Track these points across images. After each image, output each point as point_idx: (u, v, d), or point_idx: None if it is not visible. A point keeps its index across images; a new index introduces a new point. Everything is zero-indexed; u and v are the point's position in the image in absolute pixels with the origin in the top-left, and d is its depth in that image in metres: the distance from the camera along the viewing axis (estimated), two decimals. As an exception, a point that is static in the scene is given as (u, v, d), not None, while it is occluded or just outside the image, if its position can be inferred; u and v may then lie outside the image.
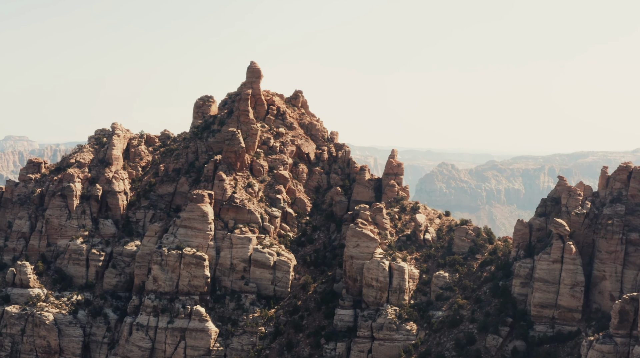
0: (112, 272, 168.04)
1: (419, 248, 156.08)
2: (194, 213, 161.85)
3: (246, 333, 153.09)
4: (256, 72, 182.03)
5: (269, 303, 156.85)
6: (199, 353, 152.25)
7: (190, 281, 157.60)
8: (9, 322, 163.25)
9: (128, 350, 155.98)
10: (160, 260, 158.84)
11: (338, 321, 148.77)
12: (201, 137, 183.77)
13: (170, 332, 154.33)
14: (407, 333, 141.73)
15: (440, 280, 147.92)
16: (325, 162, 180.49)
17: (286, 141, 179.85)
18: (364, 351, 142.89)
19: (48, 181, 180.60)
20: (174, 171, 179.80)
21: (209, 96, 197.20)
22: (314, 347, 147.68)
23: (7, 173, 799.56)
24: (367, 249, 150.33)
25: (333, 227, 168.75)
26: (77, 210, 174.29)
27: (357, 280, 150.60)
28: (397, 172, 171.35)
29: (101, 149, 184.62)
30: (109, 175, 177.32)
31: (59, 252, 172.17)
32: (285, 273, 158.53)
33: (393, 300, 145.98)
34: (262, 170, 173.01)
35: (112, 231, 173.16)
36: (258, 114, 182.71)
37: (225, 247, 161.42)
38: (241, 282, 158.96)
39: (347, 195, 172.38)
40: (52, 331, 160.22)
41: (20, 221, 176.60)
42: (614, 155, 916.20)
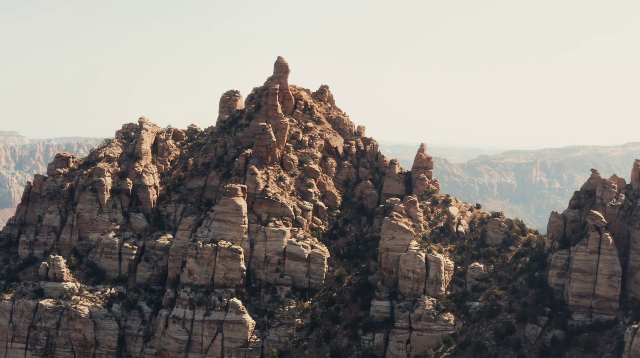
0: (145, 266, 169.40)
1: (452, 240, 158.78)
2: (228, 207, 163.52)
3: (283, 325, 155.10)
4: (284, 67, 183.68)
5: (304, 296, 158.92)
6: (237, 345, 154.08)
7: (226, 274, 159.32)
8: (44, 315, 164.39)
9: (165, 343, 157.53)
10: (195, 253, 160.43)
11: (375, 312, 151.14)
12: (229, 132, 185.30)
13: (207, 324, 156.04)
14: (445, 323, 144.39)
15: (475, 271, 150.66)
16: (353, 156, 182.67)
17: (315, 135, 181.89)
18: (402, 341, 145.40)
19: (77, 175, 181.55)
20: (203, 165, 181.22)
21: (235, 91, 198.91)
22: (352, 338, 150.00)
23: (0, 168, 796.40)
24: (403, 241, 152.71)
25: (364, 220, 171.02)
26: (108, 204, 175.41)
27: (393, 272, 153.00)
28: (427, 165, 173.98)
29: (130, 143, 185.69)
30: (139, 169, 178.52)
31: (91, 246, 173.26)
32: (320, 266, 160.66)
33: (430, 291, 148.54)
34: (293, 164, 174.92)
35: (143, 225, 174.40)
36: (286, 108, 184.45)
37: (259, 240, 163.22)
38: (276, 275, 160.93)
39: (376, 189, 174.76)
40: (88, 324, 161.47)
41: (50, 215, 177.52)
42: (604, 149, 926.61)
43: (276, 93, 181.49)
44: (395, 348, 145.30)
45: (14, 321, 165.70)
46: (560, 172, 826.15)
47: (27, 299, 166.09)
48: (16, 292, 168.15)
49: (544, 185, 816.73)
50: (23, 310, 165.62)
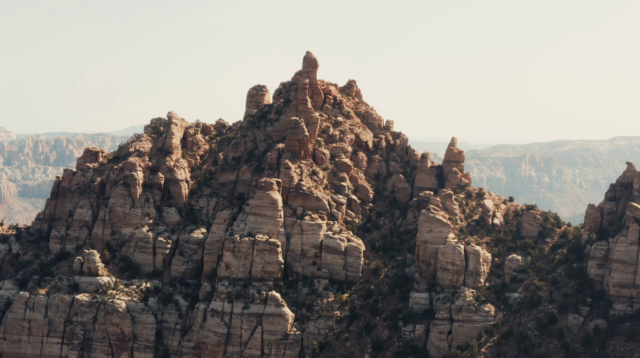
0: (180, 260, 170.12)
1: (488, 232, 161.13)
2: (264, 201, 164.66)
3: (322, 318, 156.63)
4: (312, 62, 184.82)
5: (341, 288, 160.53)
6: (277, 337, 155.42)
7: (264, 267, 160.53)
8: (80, 310, 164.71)
9: (203, 336, 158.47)
10: (232, 247, 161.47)
11: (414, 304, 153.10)
12: (258, 126, 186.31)
13: (247, 317, 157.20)
14: (485, 314, 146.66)
15: (513, 263, 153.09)
16: (383, 150, 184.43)
17: (345, 129, 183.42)
18: (443, 332, 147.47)
19: (107, 170, 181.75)
20: (234, 159, 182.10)
21: (262, 85, 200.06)
22: (392, 330, 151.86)
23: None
24: (441, 234, 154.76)
25: (397, 213, 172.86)
26: (140, 199, 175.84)
27: (431, 264, 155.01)
28: (458, 159, 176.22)
29: (159, 137, 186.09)
30: (170, 163, 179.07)
31: (124, 240, 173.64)
32: (357, 259, 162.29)
33: (469, 282, 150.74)
34: (325, 158, 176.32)
35: (176, 219, 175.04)
36: (315, 103, 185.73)
37: (295, 233, 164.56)
38: (313, 268, 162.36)
39: (408, 182, 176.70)
40: (126, 318, 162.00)
41: (81, 210, 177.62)
42: (591, 143, 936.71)
43: (306, 88, 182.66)
44: (436, 340, 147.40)
45: (49, 316, 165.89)
46: (549, 166, 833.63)
47: (63, 294, 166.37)
48: (50, 286, 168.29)
49: (533, 179, 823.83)
50: (58, 305, 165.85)
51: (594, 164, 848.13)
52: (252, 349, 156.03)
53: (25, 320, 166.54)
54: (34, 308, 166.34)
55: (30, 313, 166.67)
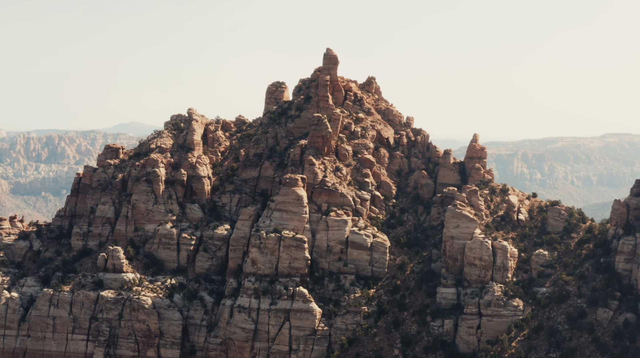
0: (204, 256, 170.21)
1: (513, 228, 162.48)
2: (289, 197, 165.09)
3: (349, 313, 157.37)
4: (333, 59, 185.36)
5: (367, 284, 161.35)
6: (305, 333, 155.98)
7: (291, 263, 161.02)
8: (105, 306, 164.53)
9: (231, 332, 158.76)
10: (258, 243, 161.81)
11: (441, 299, 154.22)
12: (279, 123, 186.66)
13: (274, 313, 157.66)
14: (514, 309, 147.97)
15: (540, 258, 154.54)
16: (404, 146, 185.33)
17: (366, 126, 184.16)
18: (472, 327, 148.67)
19: (129, 166, 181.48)
20: (255, 156, 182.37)
21: (281, 82, 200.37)
22: (420, 325, 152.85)
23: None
24: (467, 230, 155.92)
25: (421, 209, 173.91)
26: (163, 195, 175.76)
27: (458, 260, 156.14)
28: (481, 155, 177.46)
29: (180, 134, 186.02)
30: (192, 160, 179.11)
31: (148, 237, 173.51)
32: (382, 254, 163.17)
33: (497, 277, 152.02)
34: (347, 155, 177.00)
35: (199, 215, 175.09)
36: (336, 99, 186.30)
37: (320, 229, 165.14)
38: (339, 264, 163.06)
39: (430, 179, 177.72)
40: (152, 315, 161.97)
41: (103, 206, 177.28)
42: (582, 140, 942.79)
43: (327, 84, 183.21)
44: (465, 334, 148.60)
45: (74, 313, 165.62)
46: (541, 163, 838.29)
47: (87, 290, 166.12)
48: (74, 283, 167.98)
49: (525, 176, 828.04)
50: (83, 302, 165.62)
51: (585, 160, 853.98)
52: (280, 345, 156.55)
53: (50, 317, 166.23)
54: (59, 305, 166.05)
55: (54, 310, 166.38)
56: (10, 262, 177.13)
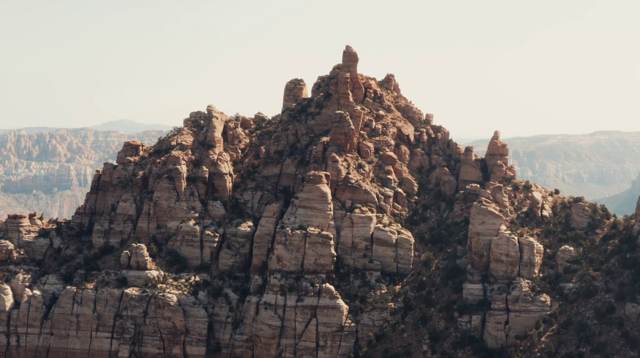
0: (228, 253, 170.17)
1: (538, 224, 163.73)
2: (313, 194, 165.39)
3: (376, 310, 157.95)
4: (353, 56, 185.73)
5: (393, 280, 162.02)
6: (332, 329, 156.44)
7: (317, 260, 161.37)
8: (130, 304, 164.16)
9: (257, 329, 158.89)
10: (284, 240, 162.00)
11: (468, 295, 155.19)
12: (299, 120, 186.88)
13: (301, 309, 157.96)
14: (542, 304, 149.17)
15: (566, 253, 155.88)
16: (425, 143, 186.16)
17: (387, 123, 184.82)
18: (500, 322, 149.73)
19: (149, 163, 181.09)
20: (276, 153, 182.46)
21: (299, 79, 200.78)
22: (448, 321, 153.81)
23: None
24: (493, 226, 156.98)
25: (443, 205, 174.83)
26: (185, 192, 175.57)
27: (484, 256, 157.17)
28: (502, 152, 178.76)
29: (200, 131, 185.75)
30: (214, 157, 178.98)
31: (170, 234, 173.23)
32: (407, 251, 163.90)
33: (524, 273, 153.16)
34: (369, 152, 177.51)
35: (221, 212, 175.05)
36: (356, 96, 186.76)
37: (345, 226, 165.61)
38: (364, 260, 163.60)
39: (452, 175, 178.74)
40: (178, 312, 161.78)
41: (125, 204, 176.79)
42: (572, 138, 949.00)
43: (347, 81, 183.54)
44: (493, 330, 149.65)
45: (98, 310, 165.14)
46: (532, 160, 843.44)
47: (111, 288, 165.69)
48: (98, 280, 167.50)
49: (517, 173, 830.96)
50: (107, 299, 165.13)
51: (576, 158, 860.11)
52: (307, 341, 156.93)
53: (73, 315, 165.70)
54: (82, 302, 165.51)
55: (78, 308, 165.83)
56: (31, 260, 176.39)
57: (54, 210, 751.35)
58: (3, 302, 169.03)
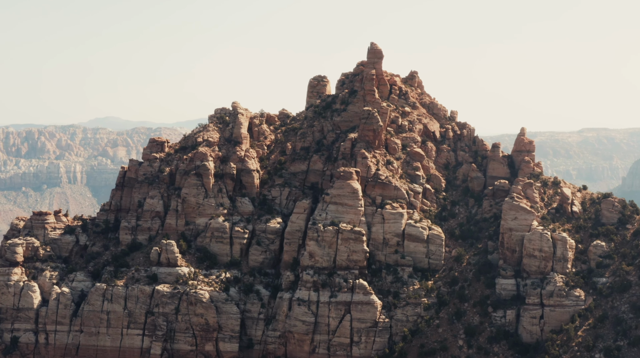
0: (258, 249, 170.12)
1: (568, 220, 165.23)
2: (344, 190, 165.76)
3: (410, 305, 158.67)
4: (378, 53, 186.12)
5: (425, 276, 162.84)
6: (366, 325, 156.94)
7: (349, 256, 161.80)
8: (161, 301, 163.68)
9: (291, 325, 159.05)
10: (316, 236, 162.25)
11: (501, 290, 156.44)
12: (324, 116, 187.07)
13: (334, 305, 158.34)
14: (576, 299, 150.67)
15: (598, 248, 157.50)
16: (450, 139, 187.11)
17: (413, 120, 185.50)
18: (535, 317, 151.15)
19: (176, 160, 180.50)
20: (302, 149, 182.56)
21: (323, 76, 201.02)
22: (482, 316, 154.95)
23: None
24: (525, 222, 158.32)
25: (471, 201, 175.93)
26: (213, 189, 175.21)
27: (516, 251, 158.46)
28: (529, 148, 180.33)
29: (226, 127, 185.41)
30: (241, 153, 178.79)
31: (199, 231, 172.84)
32: (439, 247, 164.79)
33: (557, 268, 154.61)
34: (397, 148, 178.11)
35: (250, 209, 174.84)
36: (381, 93, 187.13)
37: (376, 222, 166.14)
38: (395, 256, 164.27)
39: (480, 171, 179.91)
40: (210, 309, 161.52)
41: (152, 200, 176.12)
42: (560, 135, 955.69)
43: (373, 78, 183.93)
44: (528, 324, 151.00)
45: (129, 307, 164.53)
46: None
47: (142, 285, 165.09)
48: (128, 277, 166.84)
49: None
50: (138, 296, 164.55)
51: (565, 155, 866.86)
52: (341, 337, 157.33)
53: (104, 312, 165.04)
54: (112, 299, 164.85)
55: (108, 305, 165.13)
56: (57, 257, 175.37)
57: (43, 208, 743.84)
58: (31, 299, 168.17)
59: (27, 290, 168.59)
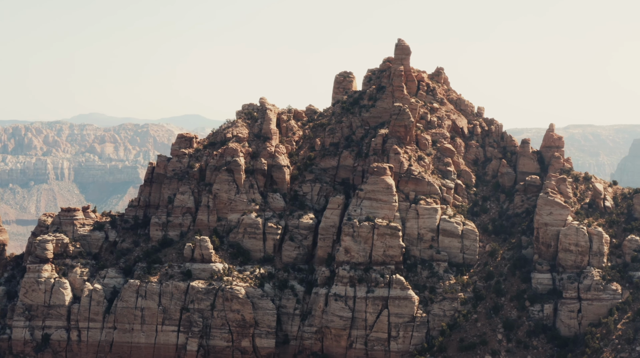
0: (291, 245, 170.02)
1: (601, 215, 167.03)
2: (378, 186, 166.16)
3: (446, 300, 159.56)
4: (406, 49, 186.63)
5: (460, 271, 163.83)
6: (404, 320, 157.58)
7: (385, 251, 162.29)
8: (196, 297, 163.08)
9: (328, 321, 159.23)
10: (352, 231, 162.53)
11: (537, 284, 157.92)
12: (353, 112, 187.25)
13: (371, 300, 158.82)
14: (613, 292, 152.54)
15: (633, 243, 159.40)
16: (478, 135, 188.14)
17: (442, 116, 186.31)
18: (573, 311, 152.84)
19: (205, 156, 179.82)
20: (332, 145, 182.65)
21: (349, 72, 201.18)
22: (520, 310, 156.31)
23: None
24: (560, 216, 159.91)
25: (502, 197, 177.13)
26: (244, 185, 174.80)
27: (551, 246, 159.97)
28: (558, 144, 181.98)
29: (254, 123, 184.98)
30: (271, 149, 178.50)
31: (231, 227, 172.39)
32: (473, 242, 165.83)
33: (594, 263, 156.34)
34: (427, 144, 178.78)
35: (281, 205, 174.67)
36: (409, 89, 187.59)
37: (410, 217, 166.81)
38: (430, 251, 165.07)
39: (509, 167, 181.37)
40: (247, 305, 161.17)
41: (182, 196, 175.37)
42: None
43: (401, 74, 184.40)
44: (566, 318, 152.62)
45: (164, 303, 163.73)
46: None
47: (176, 281, 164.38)
48: (161, 274, 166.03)
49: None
50: (173, 293, 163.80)
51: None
52: (379, 332, 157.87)
53: (138, 309, 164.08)
54: (146, 296, 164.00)
55: (142, 302, 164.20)
56: (87, 253, 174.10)
57: (31, 204, 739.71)
58: (62, 296, 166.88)
59: (59, 287, 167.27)
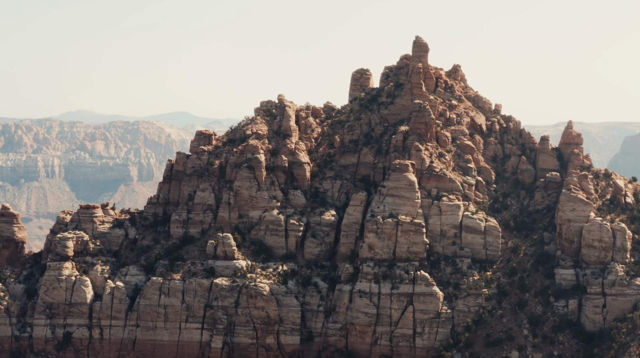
0: (313, 242, 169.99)
1: (622, 211, 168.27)
2: (401, 183, 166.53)
3: (471, 296, 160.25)
4: (424, 47, 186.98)
5: (483, 267, 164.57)
6: (429, 316, 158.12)
7: (409, 248, 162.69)
8: (220, 294, 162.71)
9: (352, 317, 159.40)
10: (375, 228, 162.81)
11: (561, 280, 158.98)
12: (371, 109, 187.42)
13: (396, 297, 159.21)
14: (637, 288, 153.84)
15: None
16: (497, 132, 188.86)
17: (460, 113, 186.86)
18: (598, 306, 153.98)
19: (225, 153, 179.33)
20: (351, 142, 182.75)
21: (366, 69, 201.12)
22: (544, 305, 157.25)
23: None
24: (583, 213, 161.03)
25: (523, 193, 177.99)
26: (265, 181, 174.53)
27: (574, 242, 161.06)
28: (577, 141, 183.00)
29: (273, 120, 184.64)
30: (291, 146, 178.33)
31: (253, 224, 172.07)
32: (496, 238, 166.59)
33: (617, 258, 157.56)
34: (447, 141, 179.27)
35: (302, 201, 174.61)
36: (427, 87, 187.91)
37: (433, 214, 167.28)
38: (453, 247, 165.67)
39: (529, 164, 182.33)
40: (271, 302, 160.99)
41: (203, 193, 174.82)
42: (537, 129, 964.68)
43: (420, 72, 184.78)
44: (591, 313, 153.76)
45: (187, 301, 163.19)
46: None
47: (200, 278, 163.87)
48: (184, 271, 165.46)
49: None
50: (196, 290, 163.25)
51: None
52: (404, 328, 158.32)
53: (161, 306, 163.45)
54: (169, 293, 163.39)
55: (165, 299, 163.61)
56: (107, 251, 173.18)
57: (21, 202, 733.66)
58: (84, 294, 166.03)
59: (80, 285, 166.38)
